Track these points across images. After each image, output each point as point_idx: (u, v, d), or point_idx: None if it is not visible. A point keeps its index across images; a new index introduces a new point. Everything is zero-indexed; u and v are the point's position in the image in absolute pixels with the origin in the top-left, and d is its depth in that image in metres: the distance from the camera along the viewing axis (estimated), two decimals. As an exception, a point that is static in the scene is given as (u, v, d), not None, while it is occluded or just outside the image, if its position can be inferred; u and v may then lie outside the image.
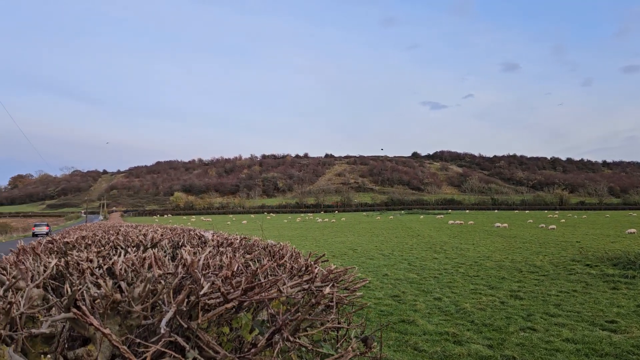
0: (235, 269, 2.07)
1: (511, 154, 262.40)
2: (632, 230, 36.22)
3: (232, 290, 1.75)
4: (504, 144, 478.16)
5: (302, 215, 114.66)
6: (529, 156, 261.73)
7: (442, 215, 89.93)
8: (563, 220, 62.11)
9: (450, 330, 8.52)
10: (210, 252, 2.74)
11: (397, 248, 24.76)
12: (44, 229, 53.66)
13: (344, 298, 2.22)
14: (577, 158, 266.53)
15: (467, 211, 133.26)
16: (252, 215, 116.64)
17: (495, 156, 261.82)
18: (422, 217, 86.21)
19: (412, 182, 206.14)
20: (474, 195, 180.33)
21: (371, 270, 16.55)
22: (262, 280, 1.79)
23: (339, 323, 2.20)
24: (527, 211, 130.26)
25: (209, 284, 1.79)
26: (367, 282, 2.47)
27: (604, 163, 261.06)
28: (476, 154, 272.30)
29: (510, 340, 7.93)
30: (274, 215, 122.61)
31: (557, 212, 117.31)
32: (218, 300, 1.72)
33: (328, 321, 2.03)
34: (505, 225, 47.30)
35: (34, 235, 50.91)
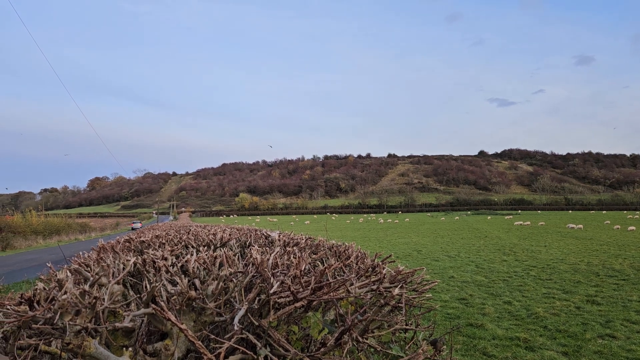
0: (303, 269, 2.10)
1: (586, 151, 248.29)
2: None
3: (301, 290, 1.77)
4: (578, 141, 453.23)
5: (365, 215, 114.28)
6: (605, 153, 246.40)
7: (511, 216, 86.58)
8: (645, 221, 57.94)
9: (522, 335, 8.20)
10: (278, 251, 2.79)
11: (463, 250, 24.13)
12: (139, 225, 78.10)
13: (412, 299, 2.18)
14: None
15: (539, 212, 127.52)
16: (315, 216, 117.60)
17: (568, 154, 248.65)
18: (489, 217, 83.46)
19: (478, 181, 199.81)
20: (546, 195, 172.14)
21: (437, 272, 16.23)
22: (331, 280, 1.79)
23: (407, 325, 2.17)
24: (604, 212, 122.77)
25: (278, 282, 1.82)
26: (436, 283, 2.42)
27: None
28: (548, 151, 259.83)
29: (587, 347, 7.52)
30: (336, 215, 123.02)
31: (638, 212, 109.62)
32: (287, 299, 1.74)
33: (396, 322, 2.00)
34: (580, 226, 44.81)
35: (133, 229, 63.72)
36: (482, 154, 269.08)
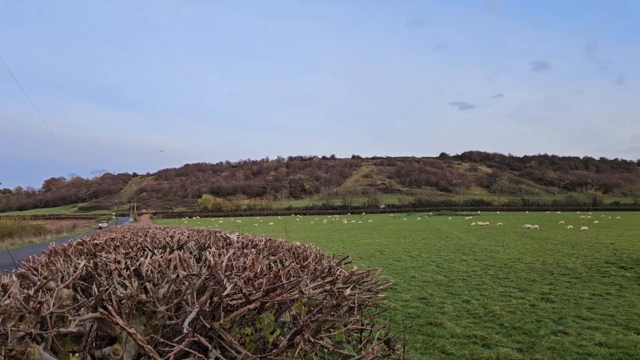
0: (258, 271, 2.09)
1: (542, 153, 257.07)
2: (670, 231, 34.99)
3: (254, 292, 1.76)
4: (535, 144, 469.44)
5: (329, 216, 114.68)
6: (560, 156, 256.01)
7: (471, 217, 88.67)
8: (596, 222, 60.44)
9: (479, 333, 8.41)
10: (233, 253, 2.77)
11: (424, 250, 24.54)
12: (105, 224, 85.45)
13: (366, 300, 2.21)
14: (611, 157, 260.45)
15: (497, 212, 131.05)
16: (279, 217, 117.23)
17: (525, 156, 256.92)
18: (450, 218, 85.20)
19: (440, 183, 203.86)
20: (504, 196, 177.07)
21: (398, 272, 16.45)
22: (284, 282, 1.80)
23: (362, 325, 2.19)
24: (558, 212, 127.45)
25: (231, 285, 1.81)
26: (391, 283, 2.46)
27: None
28: (506, 154, 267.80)
29: (541, 344, 7.77)
30: (301, 217, 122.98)
31: (590, 213, 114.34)
32: (240, 301, 1.74)
33: (350, 322, 2.03)
34: (536, 226, 46.34)
35: (100, 228, 68.43)
36: (443, 156, 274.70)
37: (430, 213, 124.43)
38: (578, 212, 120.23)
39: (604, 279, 14.32)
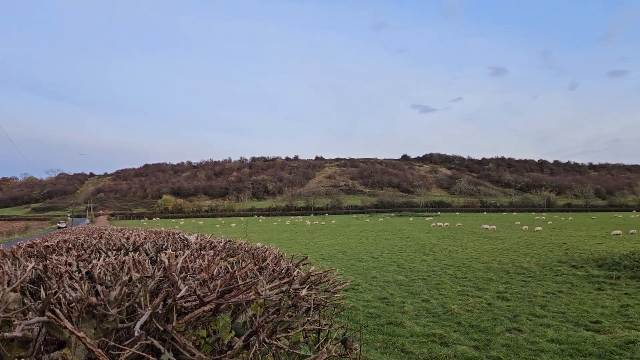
0: (214, 272, 2.07)
1: (499, 156, 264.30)
2: (618, 231, 36.68)
3: (209, 293, 1.75)
4: (493, 147, 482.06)
5: (292, 218, 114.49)
6: (517, 158, 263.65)
7: (432, 217, 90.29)
8: (550, 222, 62.66)
9: (437, 332, 8.56)
10: (189, 255, 2.73)
11: (386, 250, 24.82)
12: (64, 224, 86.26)
13: (323, 300, 2.22)
14: (564, 160, 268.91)
15: (457, 213, 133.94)
16: (242, 218, 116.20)
17: (484, 158, 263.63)
18: (411, 219, 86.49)
19: (401, 184, 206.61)
20: (463, 197, 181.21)
21: (360, 272, 16.57)
22: (240, 283, 1.79)
23: (320, 325, 2.20)
24: (514, 213, 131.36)
25: (186, 287, 1.79)
26: (348, 283, 2.48)
27: (590, 165, 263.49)
28: (465, 156, 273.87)
29: (496, 341, 7.98)
30: (264, 218, 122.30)
31: (544, 213, 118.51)
32: (195, 303, 1.72)
33: (307, 323, 2.03)
34: (494, 227, 47.61)
35: (58, 227, 71.19)
36: (405, 157, 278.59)
37: (392, 214, 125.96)
38: (533, 213, 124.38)
39: (557, 277, 14.85)
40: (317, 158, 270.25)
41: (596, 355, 7.15)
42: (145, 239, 4.84)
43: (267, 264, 2.73)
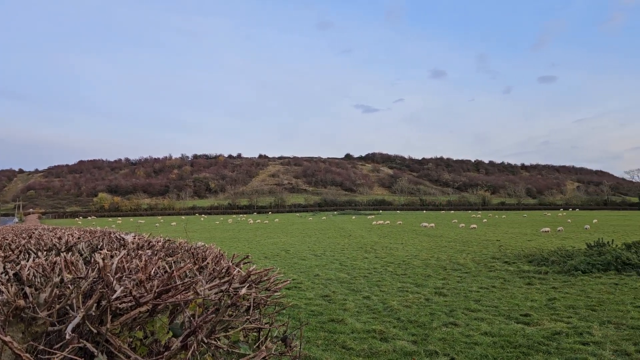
0: (152, 272, 2.03)
1: (439, 156, 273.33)
2: (547, 229, 38.92)
3: (145, 294, 1.71)
4: (432, 147, 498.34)
5: (235, 216, 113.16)
6: (455, 159, 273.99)
7: (373, 216, 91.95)
8: (485, 220, 65.50)
9: (378, 327, 8.75)
10: (125, 255, 2.66)
11: (328, 248, 25.05)
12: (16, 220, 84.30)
13: (264, 299, 2.23)
14: (498, 161, 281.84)
15: (398, 211, 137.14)
16: (183, 217, 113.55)
17: (423, 158, 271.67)
18: (354, 217, 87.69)
19: (344, 183, 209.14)
20: (404, 196, 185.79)
21: (303, 270, 16.65)
22: (178, 283, 1.77)
23: (260, 324, 2.21)
24: (452, 211, 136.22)
25: (122, 287, 1.74)
26: (289, 282, 2.50)
27: (522, 166, 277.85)
28: (406, 156, 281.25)
29: (434, 335, 8.27)
30: (205, 216, 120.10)
31: (480, 212, 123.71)
32: (130, 304, 1.68)
33: (247, 322, 2.03)
34: (432, 225, 49.15)
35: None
36: (348, 157, 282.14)
37: (335, 212, 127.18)
38: (469, 212, 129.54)
39: (490, 273, 15.55)
40: (260, 156, 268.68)
41: (525, 347, 7.55)
42: (79, 238, 4.64)
43: (207, 263, 2.70)
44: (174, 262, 2.79)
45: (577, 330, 8.43)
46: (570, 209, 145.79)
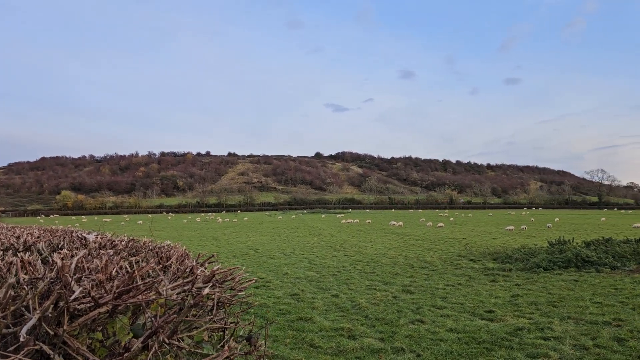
0: (113, 272, 1.99)
1: (407, 156, 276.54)
2: (511, 227, 39.90)
3: (105, 294, 1.68)
4: (401, 147, 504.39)
5: (203, 215, 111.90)
6: (423, 158, 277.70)
7: (343, 214, 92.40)
8: (452, 219, 66.72)
9: (346, 325, 8.80)
10: (86, 254, 2.59)
11: (298, 247, 25.04)
12: None
13: (229, 298, 2.21)
14: (465, 161, 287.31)
15: (367, 210, 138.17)
16: (150, 216, 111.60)
17: (392, 158, 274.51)
18: (323, 216, 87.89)
19: (314, 182, 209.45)
20: (373, 195, 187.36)
21: (272, 269, 16.60)
22: (140, 283, 1.73)
23: (225, 323, 2.19)
24: (420, 210, 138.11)
25: (81, 288, 1.70)
26: (254, 281, 2.48)
27: (488, 166, 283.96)
28: (375, 155, 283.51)
29: (400, 332, 8.37)
30: (173, 215, 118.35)
31: (447, 211, 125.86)
32: (90, 305, 1.64)
33: (211, 322, 2.01)
34: (401, 223, 49.69)
35: None
36: (318, 155, 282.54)
37: (305, 211, 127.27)
38: (437, 210, 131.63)
39: (456, 270, 15.84)
40: (230, 154, 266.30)
41: (489, 342, 7.73)
42: (38, 237, 4.50)
43: (172, 262, 2.66)
44: (137, 261, 2.74)
45: (539, 325, 8.68)
46: (534, 208, 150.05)
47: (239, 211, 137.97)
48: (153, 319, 1.66)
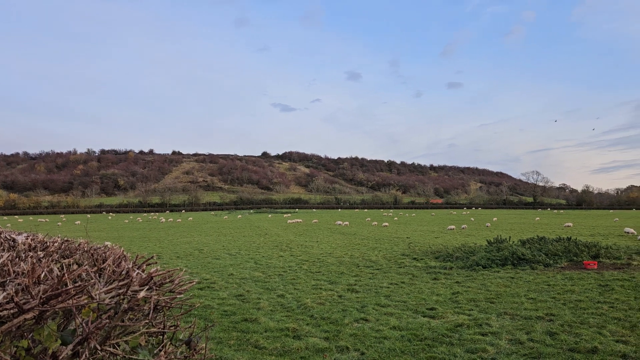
0: (41, 275, 1.87)
1: (353, 156, 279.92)
2: (452, 226, 41.26)
3: (31, 300, 1.57)
4: (348, 147, 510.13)
5: (145, 214, 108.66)
6: (369, 159, 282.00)
7: (290, 214, 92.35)
8: (396, 218, 68.22)
9: (291, 325, 8.79)
10: (16, 257, 2.43)
11: (244, 247, 24.80)
12: None
13: (168, 301, 2.14)
14: (409, 162, 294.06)
15: (314, 210, 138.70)
16: (89, 216, 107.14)
17: (339, 158, 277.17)
18: (270, 216, 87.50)
19: (261, 181, 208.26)
20: (320, 195, 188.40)
21: (217, 270, 16.34)
22: (70, 287, 1.64)
23: (163, 327, 2.12)
24: (366, 210, 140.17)
25: (4, 293, 1.59)
26: (195, 283, 2.42)
27: (431, 167, 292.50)
28: (322, 155, 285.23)
29: (345, 331, 8.45)
30: (113, 215, 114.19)
31: (391, 210, 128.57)
32: (14, 311, 1.53)
33: (149, 326, 1.94)
34: (347, 223, 50.26)
35: None
36: (265, 155, 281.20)
37: (251, 211, 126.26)
38: (382, 210, 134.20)
39: (400, 269, 16.18)
40: (174, 153, 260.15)
41: (430, 339, 7.94)
42: (-39, 240, 4.19)
43: (107, 265, 2.54)
44: (69, 264, 2.60)
45: (477, 321, 9.00)
46: (474, 208, 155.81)
47: (183, 211, 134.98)
48: (84, 324, 1.57)
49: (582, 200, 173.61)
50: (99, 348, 1.52)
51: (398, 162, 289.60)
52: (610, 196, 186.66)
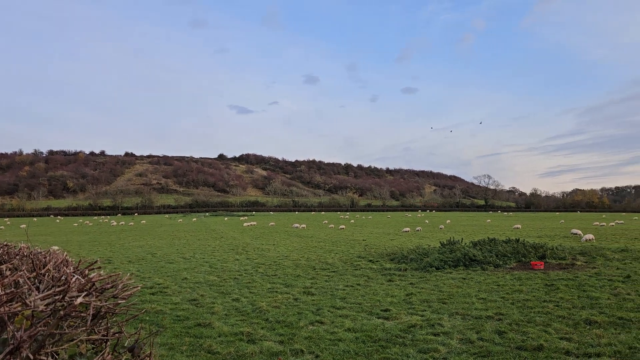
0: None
1: (311, 159, 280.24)
2: (407, 229, 42.02)
3: (-44, 308, 1.48)
4: (305, 150, 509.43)
5: (96, 218, 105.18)
6: (326, 162, 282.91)
7: (246, 217, 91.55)
8: (352, 221, 68.85)
9: (245, 329, 8.69)
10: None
11: (198, 250, 24.40)
12: None
13: (111, 307, 2.06)
14: (366, 165, 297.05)
15: (271, 213, 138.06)
16: (35, 219, 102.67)
17: (297, 160, 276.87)
18: (226, 219, 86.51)
19: (217, 184, 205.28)
20: (277, 198, 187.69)
21: (170, 274, 15.99)
22: (2, 293, 1.55)
23: (107, 334, 2.04)
24: (323, 212, 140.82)
25: None
26: (139, 288, 2.34)
27: (387, 170, 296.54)
28: (280, 158, 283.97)
29: (300, 334, 8.43)
30: (62, 218, 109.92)
31: (348, 213, 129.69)
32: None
33: (89, 333, 1.86)
34: (304, 226, 50.32)
35: None
36: (221, 157, 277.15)
37: (207, 214, 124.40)
38: (339, 213, 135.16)
39: (356, 271, 16.31)
40: (126, 154, 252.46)
41: (384, 340, 8.03)
42: None
43: (48, 270, 2.43)
44: (5, 270, 2.46)
45: (430, 322, 9.18)
46: (428, 210, 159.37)
47: (136, 214, 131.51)
48: (16, 333, 1.49)
49: (531, 203, 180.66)
50: (32, 357, 1.45)
51: (355, 165, 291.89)
52: (556, 199, 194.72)
